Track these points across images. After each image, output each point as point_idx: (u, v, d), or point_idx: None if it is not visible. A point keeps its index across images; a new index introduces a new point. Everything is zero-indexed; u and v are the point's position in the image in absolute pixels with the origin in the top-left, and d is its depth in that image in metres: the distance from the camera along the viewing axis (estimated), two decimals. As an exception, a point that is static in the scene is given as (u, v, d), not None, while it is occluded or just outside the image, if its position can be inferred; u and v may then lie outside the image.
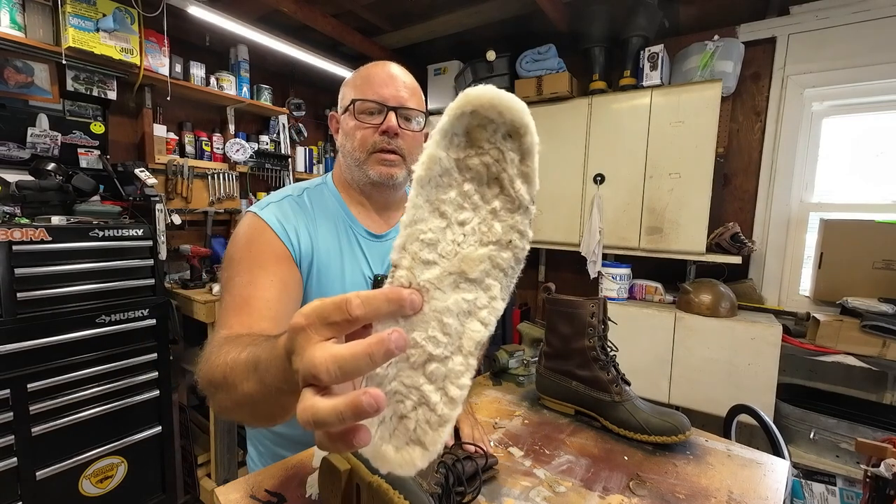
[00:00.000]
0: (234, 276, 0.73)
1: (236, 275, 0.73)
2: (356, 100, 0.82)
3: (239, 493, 0.66)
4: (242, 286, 0.71)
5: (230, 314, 0.69)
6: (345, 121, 0.85)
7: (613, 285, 2.25)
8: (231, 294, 0.71)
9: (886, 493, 1.17)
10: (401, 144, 0.83)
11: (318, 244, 0.83)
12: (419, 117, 0.85)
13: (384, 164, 0.82)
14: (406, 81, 0.85)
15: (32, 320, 1.45)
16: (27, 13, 1.73)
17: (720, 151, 2.16)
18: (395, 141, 0.82)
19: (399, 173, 0.84)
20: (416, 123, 0.85)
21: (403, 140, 0.83)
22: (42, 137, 1.83)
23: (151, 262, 1.75)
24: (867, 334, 1.75)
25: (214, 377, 0.51)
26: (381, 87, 0.82)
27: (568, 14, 2.31)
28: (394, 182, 0.84)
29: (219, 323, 0.69)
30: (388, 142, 0.81)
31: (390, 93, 0.82)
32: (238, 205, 2.57)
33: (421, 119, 0.86)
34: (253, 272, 0.74)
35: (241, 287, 0.71)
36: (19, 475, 1.45)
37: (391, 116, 0.81)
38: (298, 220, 0.82)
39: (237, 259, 0.76)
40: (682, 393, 2.03)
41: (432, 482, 0.57)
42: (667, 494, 0.67)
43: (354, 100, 0.82)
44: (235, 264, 0.75)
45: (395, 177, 0.84)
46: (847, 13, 1.93)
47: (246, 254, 0.76)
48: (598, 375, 0.85)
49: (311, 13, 2.26)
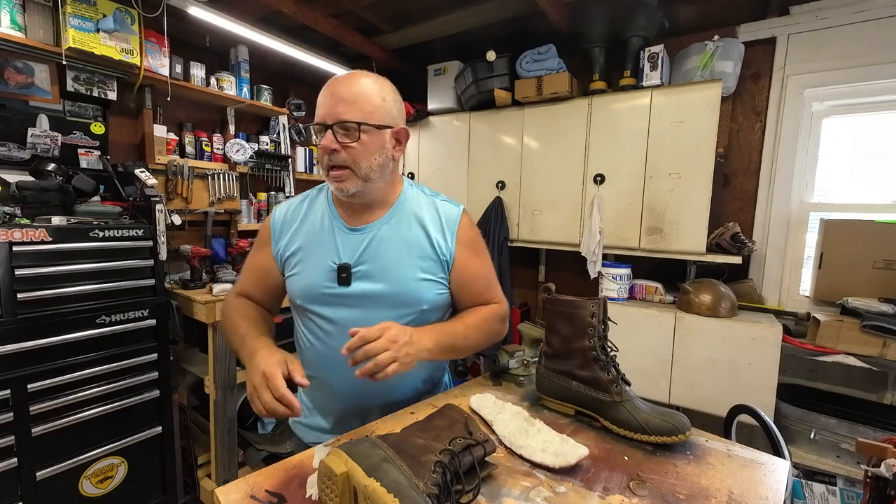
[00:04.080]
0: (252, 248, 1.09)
1: (252, 247, 1.09)
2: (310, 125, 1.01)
3: (239, 494, 0.66)
4: (249, 255, 1.08)
5: (242, 273, 1.08)
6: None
7: (613, 285, 2.25)
8: (246, 258, 1.09)
9: (887, 494, 1.17)
10: (344, 157, 0.86)
11: (295, 240, 0.98)
12: (363, 125, 0.85)
13: (334, 181, 0.89)
14: (344, 95, 0.85)
15: (33, 321, 1.45)
16: (27, 14, 1.73)
17: (720, 151, 2.16)
18: (336, 157, 0.86)
19: (349, 186, 0.88)
20: (358, 131, 0.85)
21: (346, 152, 0.85)
22: (42, 138, 1.83)
23: (151, 262, 1.75)
24: (867, 334, 1.74)
25: (223, 322, 1.03)
26: (321, 108, 0.87)
27: (568, 14, 2.31)
28: (346, 193, 0.90)
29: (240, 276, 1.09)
30: (331, 159, 0.87)
31: (327, 111, 0.85)
32: (238, 205, 2.57)
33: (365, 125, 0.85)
34: (255, 248, 1.07)
35: (249, 256, 1.08)
36: (19, 475, 1.45)
37: (328, 135, 0.85)
38: (288, 222, 1.01)
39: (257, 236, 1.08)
40: (683, 393, 2.03)
41: (429, 482, 0.57)
42: (667, 495, 0.67)
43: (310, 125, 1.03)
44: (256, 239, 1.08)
45: (346, 190, 0.88)
46: (847, 13, 1.93)
47: (258, 234, 1.08)
48: (599, 375, 0.85)
49: (311, 13, 2.26)
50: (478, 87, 2.47)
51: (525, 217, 2.53)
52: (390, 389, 0.96)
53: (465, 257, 0.97)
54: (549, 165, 2.41)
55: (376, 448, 0.62)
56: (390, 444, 0.64)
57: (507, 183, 2.57)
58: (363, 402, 0.96)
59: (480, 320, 0.97)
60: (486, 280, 1.02)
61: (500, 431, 0.83)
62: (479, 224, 2.63)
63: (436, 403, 0.93)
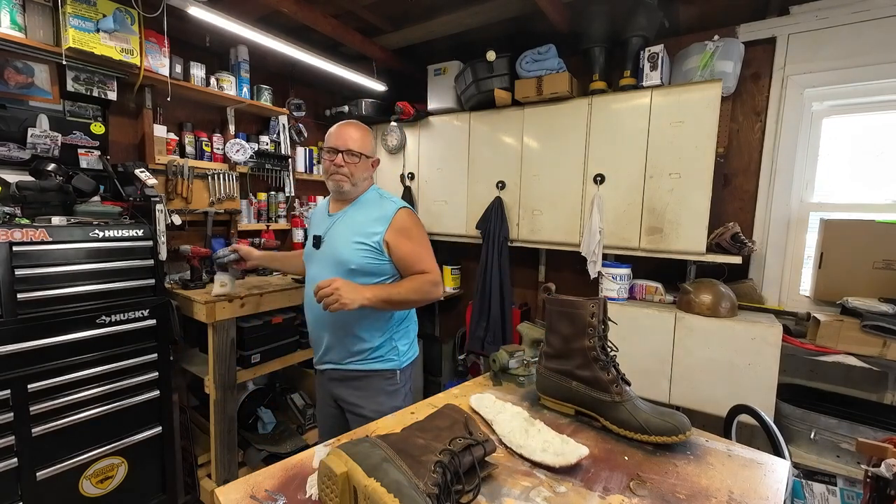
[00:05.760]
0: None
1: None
2: (322, 148, 1.53)
3: (239, 494, 0.66)
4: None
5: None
6: (322, 158, 1.50)
7: (614, 285, 2.25)
8: None
9: (887, 494, 1.17)
10: (346, 171, 1.41)
11: (312, 222, 1.61)
12: (360, 156, 1.43)
13: (336, 182, 1.43)
14: (351, 134, 1.43)
15: (33, 321, 1.46)
16: (27, 14, 1.73)
17: (720, 151, 2.16)
18: (341, 169, 1.41)
19: (345, 186, 1.43)
20: (358, 158, 1.43)
21: (348, 167, 1.41)
22: (42, 138, 1.83)
23: (151, 262, 1.75)
24: (867, 334, 1.74)
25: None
26: (335, 139, 1.43)
27: (568, 14, 2.31)
28: (341, 190, 1.44)
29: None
30: (337, 169, 1.41)
31: (339, 142, 1.42)
32: (238, 205, 2.57)
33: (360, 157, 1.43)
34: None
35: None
36: (20, 475, 1.45)
37: (339, 156, 1.41)
38: (314, 212, 1.65)
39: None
40: (683, 393, 2.03)
41: (429, 482, 0.57)
42: (667, 495, 0.67)
43: (321, 148, 1.48)
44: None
45: (342, 188, 1.43)
46: (847, 13, 1.93)
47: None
48: (599, 375, 0.85)
49: (311, 14, 2.26)
50: (478, 87, 2.47)
51: (525, 217, 2.53)
52: (341, 322, 1.41)
53: (397, 240, 1.39)
54: (549, 165, 2.41)
55: (376, 448, 0.62)
56: (390, 444, 0.64)
57: (507, 183, 2.57)
58: (323, 328, 1.46)
59: (412, 282, 1.38)
60: (417, 256, 1.41)
61: (500, 431, 0.83)
62: (479, 224, 2.64)
63: (436, 403, 0.93)
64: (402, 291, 1.35)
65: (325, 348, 1.47)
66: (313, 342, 1.53)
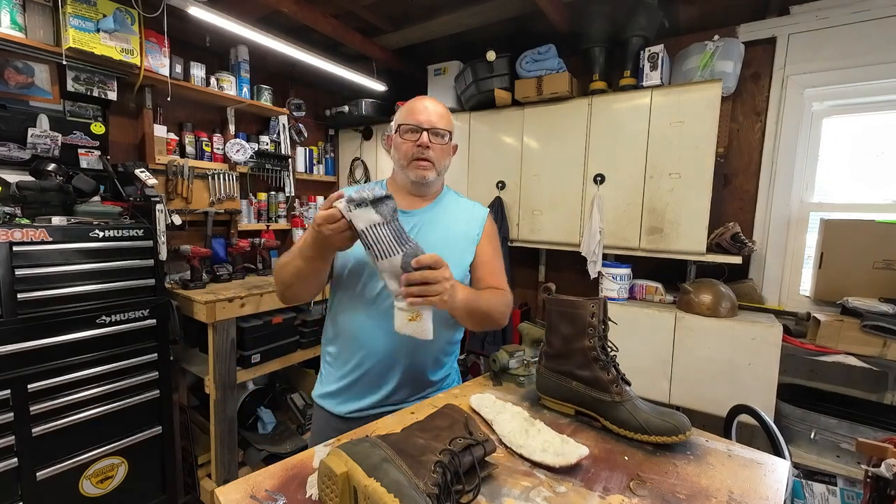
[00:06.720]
0: None
1: None
2: (401, 124, 1.09)
3: (239, 494, 0.66)
4: None
5: None
6: (395, 139, 1.12)
7: (614, 285, 2.25)
8: None
9: (887, 494, 1.17)
10: (431, 154, 1.08)
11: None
12: (447, 135, 1.11)
13: (420, 169, 1.09)
14: (437, 110, 1.10)
15: (33, 321, 1.46)
16: (28, 14, 1.73)
17: (720, 151, 2.16)
18: (427, 152, 1.07)
19: (430, 175, 1.09)
20: (444, 139, 1.11)
21: (433, 151, 1.08)
22: (42, 138, 1.83)
23: (152, 262, 1.75)
24: (868, 334, 1.74)
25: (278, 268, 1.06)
26: (418, 115, 1.08)
27: (568, 14, 2.31)
28: (426, 181, 1.10)
29: None
30: (422, 153, 1.07)
31: (424, 118, 1.08)
32: (238, 205, 2.57)
33: (447, 136, 1.11)
34: None
35: None
36: (20, 475, 1.45)
37: (424, 135, 1.07)
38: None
39: None
40: (683, 393, 2.03)
41: (429, 482, 0.57)
42: (667, 495, 0.67)
43: (400, 124, 1.09)
44: None
45: (427, 178, 1.10)
46: (847, 13, 1.93)
47: None
48: (599, 375, 0.85)
49: (311, 14, 2.26)
50: (478, 87, 2.47)
51: (525, 217, 2.53)
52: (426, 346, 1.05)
53: (484, 247, 1.17)
54: (549, 165, 2.41)
55: (376, 448, 0.62)
56: (390, 444, 0.64)
57: (507, 183, 2.57)
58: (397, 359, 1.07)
59: (494, 296, 1.10)
60: (497, 268, 1.18)
61: (500, 431, 0.83)
62: (480, 224, 2.63)
63: (436, 403, 0.93)
64: (485, 304, 1.04)
65: (393, 387, 1.08)
66: (369, 382, 1.09)
